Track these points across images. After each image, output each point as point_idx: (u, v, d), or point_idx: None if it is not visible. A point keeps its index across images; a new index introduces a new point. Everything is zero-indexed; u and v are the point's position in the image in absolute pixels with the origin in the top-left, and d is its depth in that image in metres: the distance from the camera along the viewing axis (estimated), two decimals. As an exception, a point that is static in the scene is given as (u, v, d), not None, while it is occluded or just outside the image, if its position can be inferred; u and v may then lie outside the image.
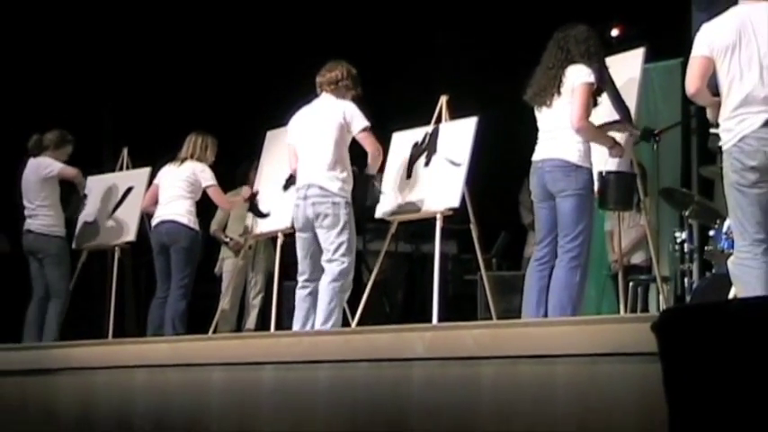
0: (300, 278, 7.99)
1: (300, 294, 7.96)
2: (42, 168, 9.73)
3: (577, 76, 7.02)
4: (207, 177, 9.41)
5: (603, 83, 7.22)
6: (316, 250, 7.90)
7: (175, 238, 9.34)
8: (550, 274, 7.09)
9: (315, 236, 7.88)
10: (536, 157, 7.17)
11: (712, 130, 6.26)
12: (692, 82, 6.00)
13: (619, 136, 7.49)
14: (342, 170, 7.84)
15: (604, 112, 7.61)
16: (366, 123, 7.86)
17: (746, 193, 5.88)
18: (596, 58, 7.15)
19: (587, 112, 6.98)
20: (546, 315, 6.98)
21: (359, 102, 8.01)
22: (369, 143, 7.92)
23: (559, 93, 7.04)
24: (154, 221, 9.51)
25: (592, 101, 7.09)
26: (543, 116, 7.19)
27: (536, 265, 7.21)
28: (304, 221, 7.90)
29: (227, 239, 10.71)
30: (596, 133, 7.23)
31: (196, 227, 9.41)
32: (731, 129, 5.90)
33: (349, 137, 7.88)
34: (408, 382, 5.64)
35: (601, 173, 7.41)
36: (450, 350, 5.52)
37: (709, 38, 5.99)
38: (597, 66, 7.12)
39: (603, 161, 7.32)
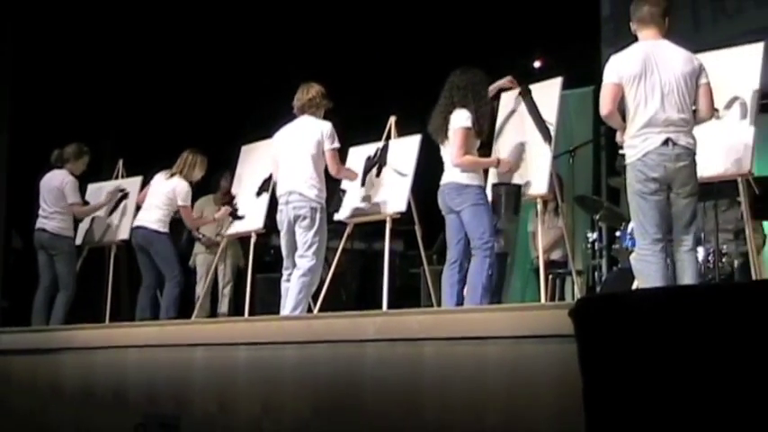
0: (285, 272, 7.97)
1: (285, 286, 7.93)
2: (63, 188, 9.67)
3: (457, 120, 7.25)
4: (182, 198, 9.28)
5: (482, 124, 7.33)
6: (295, 248, 7.88)
7: (149, 241, 9.28)
8: (459, 271, 7.31)
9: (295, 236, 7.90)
10: (441, 181, 7.40)
11: (621, 152, 6.31)
12: (605, 105, 6.03)
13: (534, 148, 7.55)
14: (319, 180, 7.86)
15: (526, 129, 7.67)
16: (335, 145, 7.90)
17: (648, 200, 5.92)
18: (474, 101, 7.27)
19: (463, 152, 7.22)
20: (460, 303, 7.20)
21: (331, 114, 8.09)
22: (332, 163, 7.93)
23: (446, 136, 7.32)
24: (134, 224, 9.50)
25: (471, 141, 7.28)
26: (442, 150, 7.45)
27: (449, 266, 7.41)
28: (288, 224, 7.89)
29: (201, 236, 10.67)
30: (475, 164, 7.43)
31: (164, 229, 9.32)
32: (636, 146, 5.94)
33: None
34: (362, 360, 5.63)
35: (492, 185, 7.53)
36: (398, 332, 5.51)
37: (619, 67, 6.03)
38: (474, 108, 7.24)
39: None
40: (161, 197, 9.36)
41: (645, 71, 5.96)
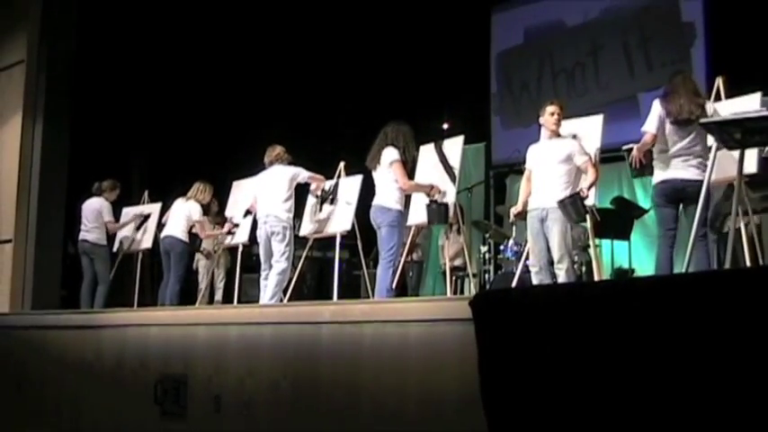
0: (263, 273, 8.00)
1: (263, 283, 7.97)
2: (102, 211, 9.65)
3: (389, 155, 7.02)
4: (196, 215, 9.32)
5: (407, 160, 7.12)
6: (270, 255, 7.91)
7: (173, 246, 9.26)
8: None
9: (271, 246, 7.90)
10: (373, 201, 7.19)
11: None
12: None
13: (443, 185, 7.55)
14: (290, 205, 7.93)
15: (438, 172, 7.66)
16: (308, 172, 8.10)
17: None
18: (402, 144, 7.05)
19: (406, 177, 7.04)
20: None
21: (299, 160, 8.27)
22: (314, 180, 8.24)
23: (380, 163, 7.08)
24: (162, 234, 9.45)
25: (406, 169, 7.08)
26: (374, 175, 7.21)
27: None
28: (265, 237, 7.93)
29: (203, 249, 10.67)
30: (417, 187, 7.39)
31: (187, 240, 9.33)
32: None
33: (294, 184, 7.99)
34: (319, 337, 5.56)
35: (427, 204, 7.40)
36: (345, 317, 5.45)
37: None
38: (402, 148, 7.03)
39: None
40: (181, 215, 9.35)
41: None
